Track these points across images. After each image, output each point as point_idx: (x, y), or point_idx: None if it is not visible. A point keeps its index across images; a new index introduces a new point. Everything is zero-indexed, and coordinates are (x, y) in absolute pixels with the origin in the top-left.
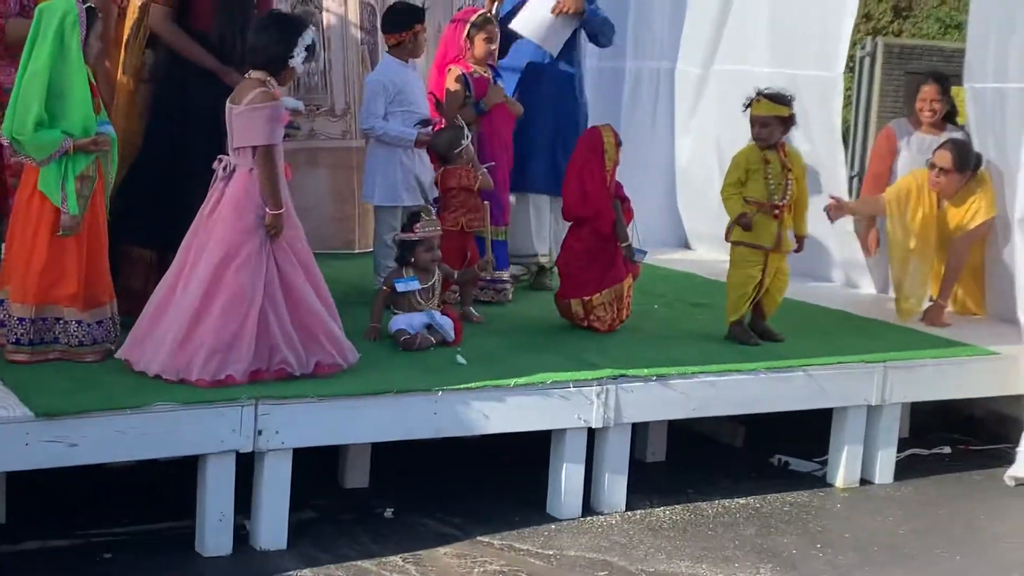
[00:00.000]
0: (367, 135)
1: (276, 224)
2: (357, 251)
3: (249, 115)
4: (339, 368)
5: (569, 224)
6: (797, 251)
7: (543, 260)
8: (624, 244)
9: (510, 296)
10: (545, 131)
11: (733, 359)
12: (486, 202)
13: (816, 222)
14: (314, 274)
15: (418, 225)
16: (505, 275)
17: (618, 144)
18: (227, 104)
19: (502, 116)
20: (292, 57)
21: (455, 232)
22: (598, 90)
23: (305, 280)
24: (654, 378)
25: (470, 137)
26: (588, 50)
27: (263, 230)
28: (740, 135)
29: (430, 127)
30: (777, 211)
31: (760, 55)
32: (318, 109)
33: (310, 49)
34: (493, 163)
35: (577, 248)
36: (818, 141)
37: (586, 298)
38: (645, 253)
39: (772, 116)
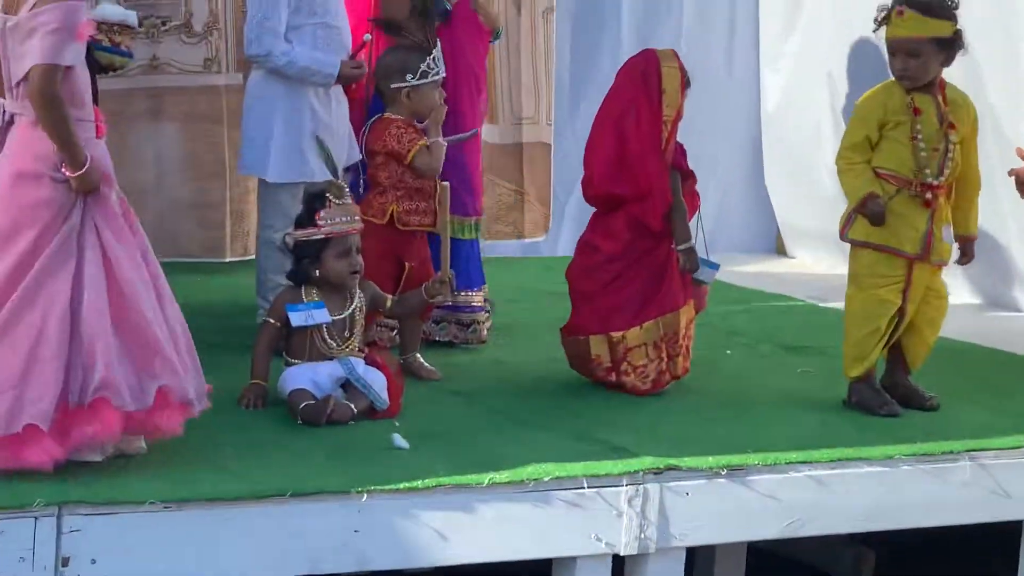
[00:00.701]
0: (257, 66)
1: (86, 182)
2: (228, 259)
3: (28, 26)
4: (189, 410)
5: (591, 213)
6: (963, 262)
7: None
8: (683, 247)
9: (485, 334)
10: None
11: (855, 440)
12: (445, 183)
13: (993, 210)
14: (159, 278)
15: (323, 214)
16: (477, 298)
17: (685, 84)
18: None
19: (470, 29)
20: None
21: (382, 227)
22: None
23: (142, 268)
24: (723, 472)
25: (439, 66)
26: None
27: (68, 197)
28: (868, 69)
29: (356, 51)
30: (930, 194)
31: None
32: (164, 25)
33: None
34: (475, 131)
35: (604, 251)
36: (995, 77)
37: (615, 334)
38: (716, 267)
39: (925, 38)
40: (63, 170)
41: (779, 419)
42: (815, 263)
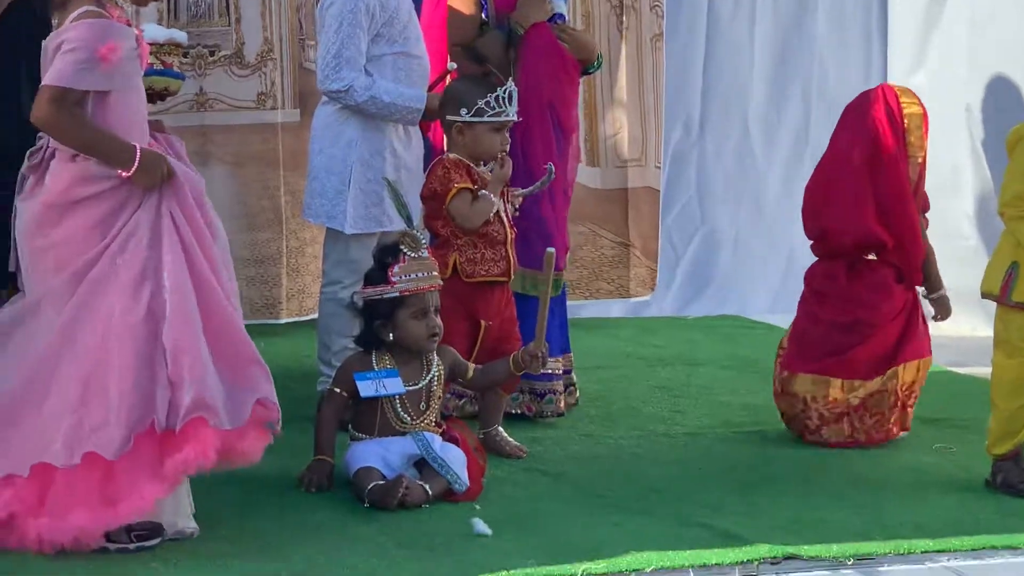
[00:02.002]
0: (326, 101)
1: (148, 173)
2: (283, 320)
3: (54, 44)
4: (269, 434)
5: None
6: None
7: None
8: (937, 296)
9: (562, 406)
10: None
11: (999, 526)
12: (551, 249)
13: None
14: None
15: (397, 269)
16: (555, 366)
17: (928, 122)
18: (44, 44)
19: (550, 59)
20: None
21: (448, 281)
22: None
23: (221, 278)
24: (849, 562)
25: (504, 107)
26: None
27: (120, 206)
28: (1011, 103)
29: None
30: None
31: None
32: (212, 55)
33: None
34: (550, 174)
35: (869, 303)
36: None
37: (862, 383)
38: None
39: None
40: (120, 175)
41: (912, 502)
42: (953, 324)
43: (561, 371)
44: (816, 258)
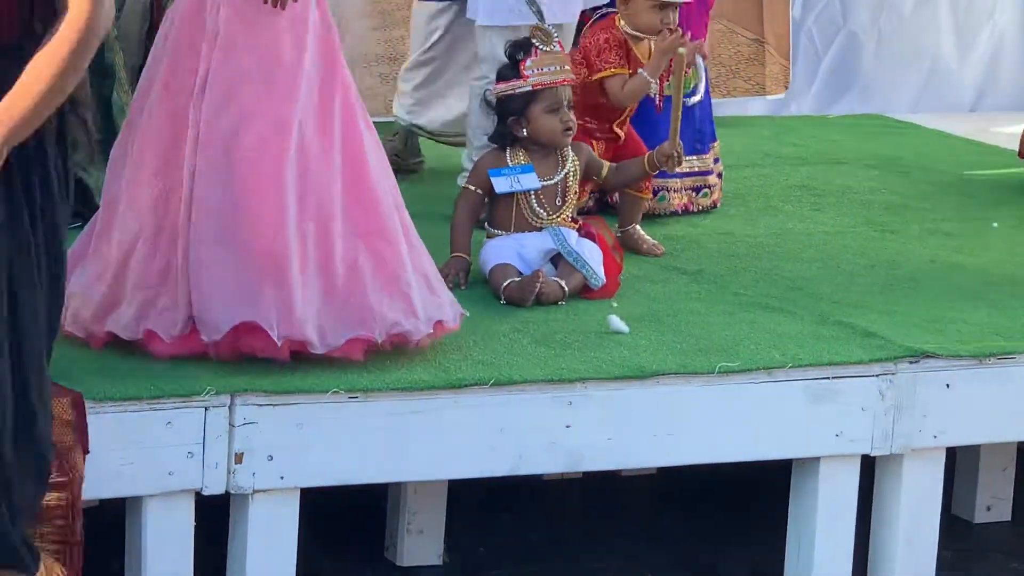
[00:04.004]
0: None
1: None
2: None
3: None
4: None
5: None
6: None
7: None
8: None
9: (716, 196)
10: None
11: None
12: (682, 49)
13: None
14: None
15: (529, 63)
16: (696, 160)
17: None
18: None
19: None
20: None
21: (584, 84)
22: None
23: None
24: (990, 359)
25: None
26: None
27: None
28: None
29: None
30: None
31: None
32: None
33: None
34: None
35: None
36: None
37: None
38: None
39: None
40: None
41: None
42: None
43: (712, 162)
44: None
